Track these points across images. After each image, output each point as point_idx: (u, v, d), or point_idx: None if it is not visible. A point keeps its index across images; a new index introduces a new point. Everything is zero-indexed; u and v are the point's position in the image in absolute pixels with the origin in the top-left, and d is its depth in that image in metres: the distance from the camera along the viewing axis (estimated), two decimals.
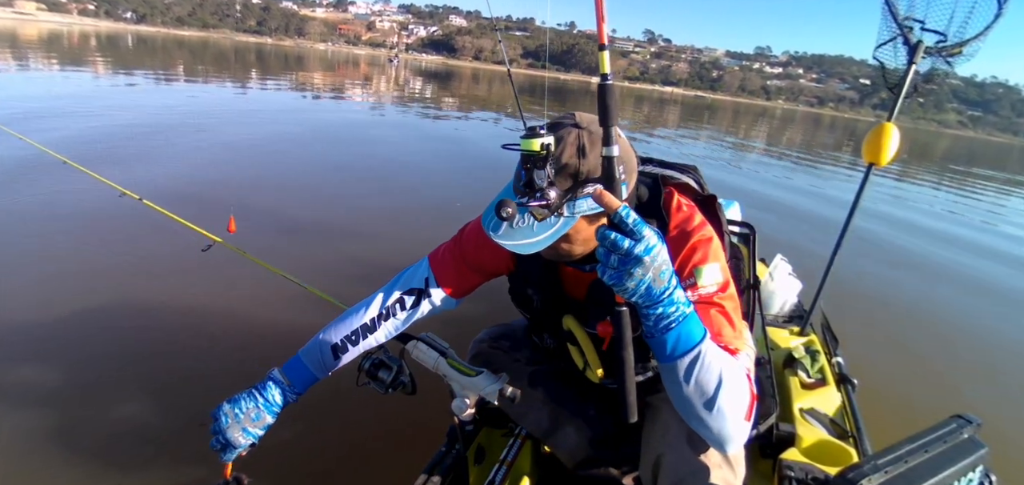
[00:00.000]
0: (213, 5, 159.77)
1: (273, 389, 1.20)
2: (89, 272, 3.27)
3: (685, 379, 0.87)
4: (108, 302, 2.96)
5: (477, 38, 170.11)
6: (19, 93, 10.25)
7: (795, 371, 1.90)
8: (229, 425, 1.15)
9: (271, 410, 1.19)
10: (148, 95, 12.33)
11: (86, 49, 26.55)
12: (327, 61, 46.93)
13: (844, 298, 3.28)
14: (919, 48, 1.99)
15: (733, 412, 0.89)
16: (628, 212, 0.77)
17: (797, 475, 1.34)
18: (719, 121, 31.23)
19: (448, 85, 30.91)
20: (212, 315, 2.95)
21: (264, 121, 10.06)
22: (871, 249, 5.77)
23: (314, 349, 1.25)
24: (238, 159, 6.75)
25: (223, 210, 2.29)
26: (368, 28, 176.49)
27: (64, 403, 2.21)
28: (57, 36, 37.31)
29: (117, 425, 2.15)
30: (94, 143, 6.40)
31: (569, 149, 0.91)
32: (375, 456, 2.19)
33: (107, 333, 2.69)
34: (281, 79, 21.11)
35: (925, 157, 24.88)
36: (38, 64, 16.50)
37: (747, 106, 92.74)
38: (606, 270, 0.80)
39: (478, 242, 1.24)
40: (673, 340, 0.86)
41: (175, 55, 29.35)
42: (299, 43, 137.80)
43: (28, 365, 2.42)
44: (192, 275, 3.29)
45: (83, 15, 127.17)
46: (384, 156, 8.09)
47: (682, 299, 0.85)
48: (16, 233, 3.70)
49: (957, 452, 0.91)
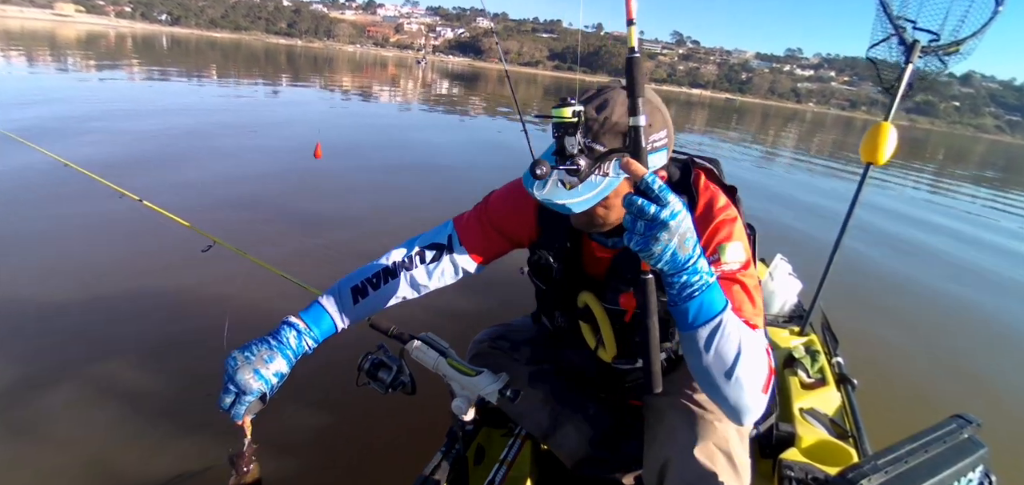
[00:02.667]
0: (245, 7, 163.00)
1: (288, 331, 1.13)
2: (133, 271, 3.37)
3: (705, 348, 0.89)
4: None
5: (504, 40, 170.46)
6: (91, 95, 10.54)
7: (795, 371, 1.90)
8: (239, 367, 1.05)
9: (285, 353, 1.10)
10: (196, 96, 12.56)
11: (125, 50, 27.24)
12: (356, 63, 47.45)
13: (844, 297, 3.23)
14: (915, 47, 1.98)
15: (751, 383, 0.91)
16: (654, 179, 0.79)
17: (797, 475, 1.34)
18: (747, 124, 30.76)
19: (474, 86, 31.00)
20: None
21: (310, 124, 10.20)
22: (879, 247, 5.70)
23: (333, 293, 1.21)
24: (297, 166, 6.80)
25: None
26: (396, 30, 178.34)
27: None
28: (95, 37, 38.39)
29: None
30: (145, 146, 6.58)
31: (619, 109, 0.97)
32: (375, 456, 2.20)
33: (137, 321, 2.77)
34: (313, 82, 21.33)
35: (961, 160, 24.19)
36: (88, 65, 17.00)
37: (777, 109, 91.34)
38: (633, 236, 0.82)
39: (504, 207, 1.28)
40: (695, 308, 0.87)
41: (209, 56, 29.97)
42: (328, 45, 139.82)
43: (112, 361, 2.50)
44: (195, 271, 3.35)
45: (120, 17, 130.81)
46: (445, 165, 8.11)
47: (705, 269, 0.87)
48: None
49: (957, 452, 0.91)
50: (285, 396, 2.47)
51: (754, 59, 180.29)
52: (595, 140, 0.96)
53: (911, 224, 7.49)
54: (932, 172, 16.33)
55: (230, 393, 1.05)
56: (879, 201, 8.78)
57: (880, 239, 6.20)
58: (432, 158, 8.18)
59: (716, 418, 1.13)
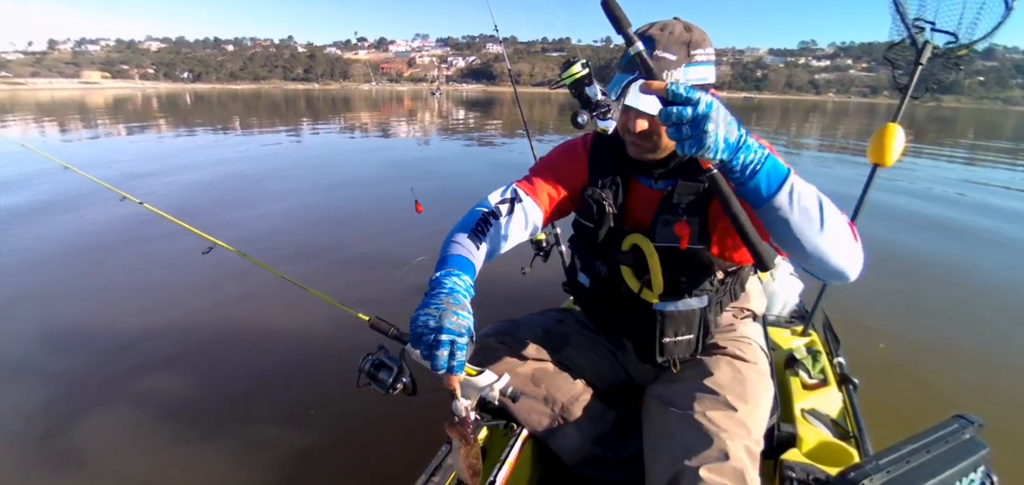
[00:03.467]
0: (262, 58, 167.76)
1: (449, 280, 1.06)
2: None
3: (790, 209, 0.93)
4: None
5: (514, 63, 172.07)
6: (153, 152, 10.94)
7: (796, 372, 1.88)
8: (442, 314, 0.97)
9: (463, 296, 1.04)
10: (244, 146, 12.91)
11: (154, 109, 28.18)
12: (373, 100, 48.32)
13: (845, 296, 3.20)
14: (925, 50, 1.98)
15: (842, 228, 0.97)
16: (677, 84, 0.85)
17: (798, 476, 1.33)
18: (768, 120, 30.46)
19: (490, 111, 31.29)
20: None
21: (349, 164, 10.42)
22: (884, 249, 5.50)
23: (456, 241, 1.18)
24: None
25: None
26: (409, 65, 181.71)
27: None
28: (123, 100, 39.80)
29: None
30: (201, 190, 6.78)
31: (678, 27, 1.13)
32: (376, 457, 2.22)
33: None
34: (335, 122, 21.76)
35: (993, 134, 23.57)
36: (137, 128, 17.59)
37: (796, 102, 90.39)
38: (683, 143, 0.86)
39: (559, 158, 1.39)
40: (765, 179, 0.92)
41: (231, 108, 30.77)
42: (345, 85, 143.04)
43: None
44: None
45: (144, 79, 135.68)
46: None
47: (755, 144, 0.92)
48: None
49: (958, 452, 0.92)
50: (286, 397, 2.61)
51: (768, 55, 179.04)
52: (665, 50, 1.09)
53: (941, 202, 7.34)
54: (965, 149, 15.92)
55: (443, 345, 0.95)
56: (905, 185, 8.63)
57: (907, 223, 6.07)
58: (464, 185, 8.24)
59: (729, 436, 1.10)
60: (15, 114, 23.41)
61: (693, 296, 1.26)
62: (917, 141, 17.43)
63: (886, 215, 6.33)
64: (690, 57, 1.11)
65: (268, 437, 2.35)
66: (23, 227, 5.33)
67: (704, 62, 1.13)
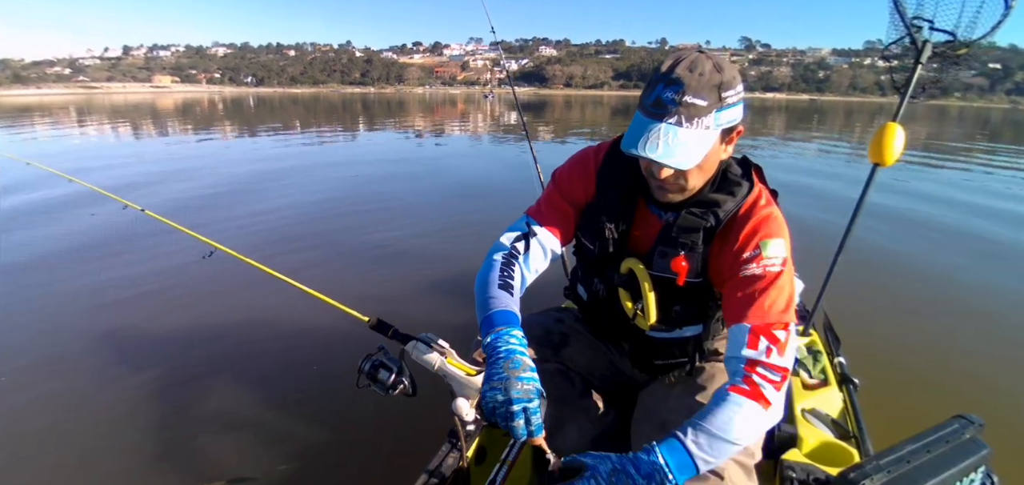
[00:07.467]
0: (321, 63, 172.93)
1: (503, 339, 1.06)
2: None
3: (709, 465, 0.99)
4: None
5: (566, 66, 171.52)
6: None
7: (797, 372, 1.86)
8: (507, 386, 0.99)
9: (521, 352, 1.04)
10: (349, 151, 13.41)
11: (219, 113, 29.45)
12: (427, 103, 48.95)
13: (845, 294, 3.05)
14: (925, 49, 1.95)
15: (754, 428, 1.03)
16: (572, 457, 1.00)
17: (799, 476, 1.33)
18: (831, 124, 29.24)
19: (541, 113, 31.31)
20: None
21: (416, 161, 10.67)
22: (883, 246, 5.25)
23: (491, 295, 1.17)
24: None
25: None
26: (462, 68, 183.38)
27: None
28: (192, 103, 41.75)
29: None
30: None
31: (708, 66, 1.02)
32: (377, 458, 2.24)
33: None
34: (400, 127, 22.08)
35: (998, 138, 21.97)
36: (214, 132, 18.45)
37: (860, 104, 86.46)
38: None
39: (570, 176, 1.32)
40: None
41: (291, 112, 31.83)
42: (400, 89, 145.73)
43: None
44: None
45: (210, 83, 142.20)
46: None
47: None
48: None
49: (959, 452, 0.92)
50: (286, 399, 2.65)
51: (830, 56, 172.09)
52: (695, 96, 1.00)
53: (949, 206, 7.10)
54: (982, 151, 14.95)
55: (517, 416, 0.97)
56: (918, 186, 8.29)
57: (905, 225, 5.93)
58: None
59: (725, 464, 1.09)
60: (91, 115, 24.92)
61: (687, 326, 1.26)
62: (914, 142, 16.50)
63: (886, 215, 6.25)
64: (722, 101, 1.02)
65: (268, 437, 2.40)
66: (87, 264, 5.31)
67: (734, 104, 1.05)
